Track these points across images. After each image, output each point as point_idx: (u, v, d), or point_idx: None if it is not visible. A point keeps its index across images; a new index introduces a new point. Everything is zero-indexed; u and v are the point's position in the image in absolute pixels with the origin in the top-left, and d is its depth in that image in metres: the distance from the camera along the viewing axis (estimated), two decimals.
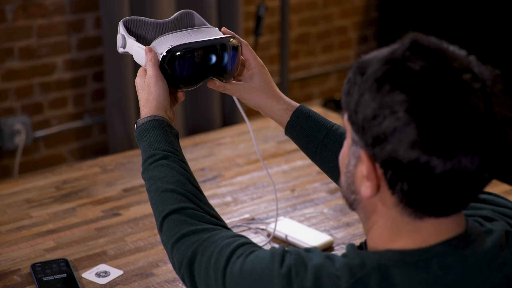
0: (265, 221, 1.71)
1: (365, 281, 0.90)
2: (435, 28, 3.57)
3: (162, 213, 1.12)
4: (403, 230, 0.93)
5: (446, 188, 0.88)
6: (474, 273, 0.92)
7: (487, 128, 0.87)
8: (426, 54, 0.89)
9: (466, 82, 0.87)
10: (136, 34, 1.32)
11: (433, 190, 0.88)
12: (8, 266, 1.52)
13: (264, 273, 0.96)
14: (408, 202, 0.91)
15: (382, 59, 0.91)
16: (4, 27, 2.92)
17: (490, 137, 0.87)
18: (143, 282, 1.47)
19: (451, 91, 0.86)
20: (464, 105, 0.86)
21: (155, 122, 1.21)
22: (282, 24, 3.27)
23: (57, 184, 1.87)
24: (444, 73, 0.88)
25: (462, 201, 0.91)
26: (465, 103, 0.86)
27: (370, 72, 0.90)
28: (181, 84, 1.27)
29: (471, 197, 0.91)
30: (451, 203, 0.91)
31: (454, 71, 0.88)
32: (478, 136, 0.87)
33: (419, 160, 0.86)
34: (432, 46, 0.90)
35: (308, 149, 1.31)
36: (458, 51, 0.91)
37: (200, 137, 2.17)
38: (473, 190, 0.90)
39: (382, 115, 0.88)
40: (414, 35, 0.92)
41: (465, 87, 0.87)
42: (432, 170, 0.86)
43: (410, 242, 0.93)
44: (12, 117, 3.03)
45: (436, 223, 0.92)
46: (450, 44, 0.92)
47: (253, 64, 1.31)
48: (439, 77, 0.87)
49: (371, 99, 0.89)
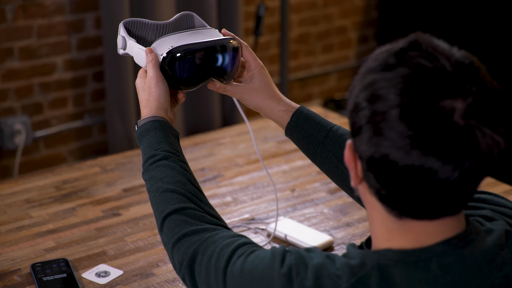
0: (265, 221, 1.71)
1: (365, 281, 0.91)
2: (435, 28, 3.57)
3: (163, 213, 1.12)
4: (392, 228, 0.93)
5: (409, 187, 0.88)
6: (473, 273, 0.92)
7: (457, 134, 0.85)
8: (415, 56, 0.89)
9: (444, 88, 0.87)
10: (136, 35, 1.32)
11: (397, 187, 0.89)
12: (8, 266, 1.52)
13: (264, 272, 0.96)
14: (380, 198, 0.92)
15: (377, 54, 0.92)
16: (4, 27, 2.92)
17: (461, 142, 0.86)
18: (143, 282, 1.48)
19: (425, 94, 0.86)
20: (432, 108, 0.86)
21: (156, 122, 1.22)
22: (282, 24, 3.27)
23: (57, 184, 1.87)
24: (426, 75, 0.87)
25: (436, 205, 0.90)
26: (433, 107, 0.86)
27: (364, 66, 0.93)
28: (182, 85, 1.27)
29: (445, 203, 0.90)
30: (422, 205, 0.90)
31: (436, 73, 0.88)
32: (448, 141, 0.85)
33: (374, 156, 0.88)
34: (425, 48, 0.90)
35: (308, 150, 1.31)
36: (457, 54, 0.90)
37: (200, 137, 2.17)
38: (442, 194, 0.88)
39: (359, 107, 0.90)
40: (418, 35, 0.93)
41: (440, 95, 0.86)
42: (395, 165, 0.87)
43: (403, 241, 0.93)
44: (12, 117, 3.03)
45: (427, 224, 0.92)
46: (454, 47, 0.92)
47: (253, 66, 1.31)
48: (420, 78, 0.87)
49: (358, 89, 0.91)
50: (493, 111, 0.88)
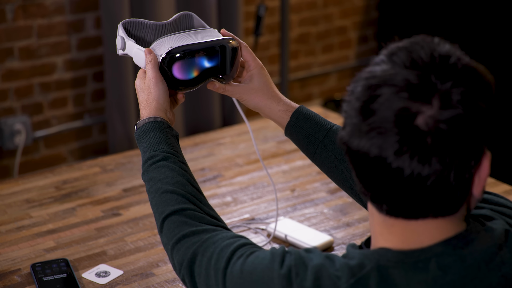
0: (265, 221, 1.71)
1: (364, 281, 0.91)
2: (435, 28, 3.57)
3: (162, 214, 1.12)
4: (388, 225, 0.94)
5: (380, 179, 0.89)
6: (472, 273, 0.92)
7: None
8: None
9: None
10: (135, 36, 1.32)
11: (371, 180, 0.91)
12: (8, 266, 1.52)
13: (264, 273, 0.96)
14: (371, 196, 0.93)
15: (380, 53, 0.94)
16: (4, 27, 2.92)
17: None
18: (143, 282, 1.48)
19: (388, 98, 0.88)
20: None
21: (155, 123, 1.22)
22: (282, 24, 3.27)
23: (57, 184, 1.87)
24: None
25: (415, 203, 0.90)
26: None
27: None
28: (181, 86, 1.27)
29: (422, 201, 0.90)
30: (401, 202, 0.90)
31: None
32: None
33: (349, 147, 0.91)
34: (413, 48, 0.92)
35: (308, 150, 1.31)
36: (457, 54, 0.91)
37: (200, 137, 2.17)
38: (416, 192, 0.89)
39: (348, 101, 0.92)
40: (421, 36, 0.93)
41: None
42: (365, 155, 0.89)
43: (399, 242, 0.93)
44: (12, 117, 3.04)
45: (420, 223, 0.92)
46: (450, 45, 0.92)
47: (252, 66, 1.31)
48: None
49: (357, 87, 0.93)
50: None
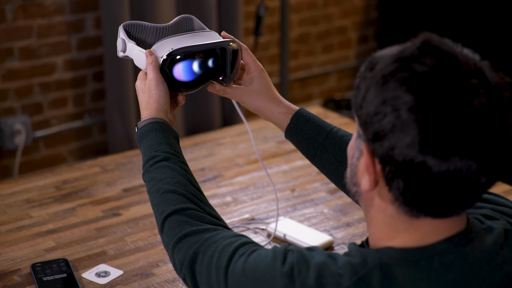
0: (265, 221, 1.71)
1: (367, 279, 0.91)
2: (435, 28, 3.57)
3: (163, 214, 1.13)
4: (399, 228, 0.94)
5: (441, 190, 0.89)
6: (474, 271, 0.93)
7: (487, 135, 0.87)
8: (436, 55, 0.89)
9: (472, 86, 0.87)
10: (136, 38, 1.33)
11: (428, 190, 0.89)
12: (8, 266, 1.52)
13: (266, 271, 0.96)
14: (404, 200, 0.91)
15: (391, 56, 0.92)
16: (4, 27, 2.92)
17: (490, 144, 0.87)
18: (143, 282, 1.48)
19: (455, 95, 0.87)
20: (466, 109, 0.86)
21: (156, 124, 1.22)
22: (282, 24, 3.27)
23: (57, 184, 1.88)
24: (450, 76, 0.88)
25: (458, 204, 0.91)
26: (467, 107, 0.86)
27: (378, 68, 0.91)
28: (181, 88, 1.27)
29: (468, 200, 0.91)
30: (446, 205, 0.91)
31: (461, 74, 0.88)
32: (477, 142, 0.87)
33: (413, 160, 0.87)
34: (443, 48, 0.91)
35: (308, 152, 1.31)
36: (471, 55, 0.91)
37: (200, 137, 2.17)
38: (470, 194, 0.90)
39: (383, 112, 0.89)
40: (427, 35, 0.93)
41: (470, 92, 0.87)
42: (428, 170, 0.87)
43: (407, 240, 0.93)
44: (12, 117, 3.04)
45: (434, 222, 0.93)
46: (464, 48, 0.92)
47: (252, 68, 1.31)
48: (445, 79, 0.87)
49: (375, 95, 0.90)
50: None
